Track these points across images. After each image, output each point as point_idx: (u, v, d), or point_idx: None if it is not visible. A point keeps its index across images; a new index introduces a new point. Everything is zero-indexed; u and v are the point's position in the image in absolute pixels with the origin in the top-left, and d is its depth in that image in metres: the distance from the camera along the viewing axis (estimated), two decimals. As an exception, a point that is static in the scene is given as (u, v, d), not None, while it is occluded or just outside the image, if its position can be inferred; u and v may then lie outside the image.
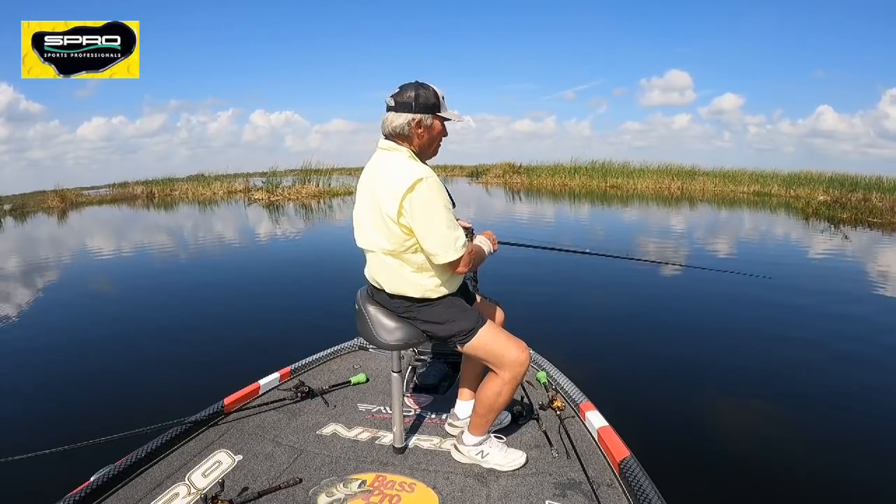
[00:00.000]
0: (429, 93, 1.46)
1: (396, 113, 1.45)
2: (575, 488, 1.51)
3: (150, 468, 1.61)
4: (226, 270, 7.06)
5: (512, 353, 1.51)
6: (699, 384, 3.18)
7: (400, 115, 1.45)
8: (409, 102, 1.44)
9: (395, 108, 1.45)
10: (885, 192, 15.17)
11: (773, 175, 21.02)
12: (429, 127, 1.48)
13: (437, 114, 1.48)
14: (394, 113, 1.45)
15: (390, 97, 1.47)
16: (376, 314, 1.61)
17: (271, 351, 3.50)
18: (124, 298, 5.66)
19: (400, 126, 1.45)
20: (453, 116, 1.53)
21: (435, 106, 1.47)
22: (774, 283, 5.91)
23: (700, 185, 21.08)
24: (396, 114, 1.45)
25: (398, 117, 1.45)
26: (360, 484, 1.56)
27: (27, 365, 3.70)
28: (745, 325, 4.23)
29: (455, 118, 1.53)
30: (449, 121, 1.53)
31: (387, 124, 1.47)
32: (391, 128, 1.47)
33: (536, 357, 2.35)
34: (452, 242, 1.42)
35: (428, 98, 1.46)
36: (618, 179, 22.34)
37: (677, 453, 2.35)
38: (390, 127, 1.46)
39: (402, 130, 1.46)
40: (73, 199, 21.74)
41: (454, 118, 1.53)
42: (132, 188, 24.22)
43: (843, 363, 3.47)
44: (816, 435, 2.60)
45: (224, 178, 24.00)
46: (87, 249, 9.36)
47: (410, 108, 1.44)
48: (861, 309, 4.79)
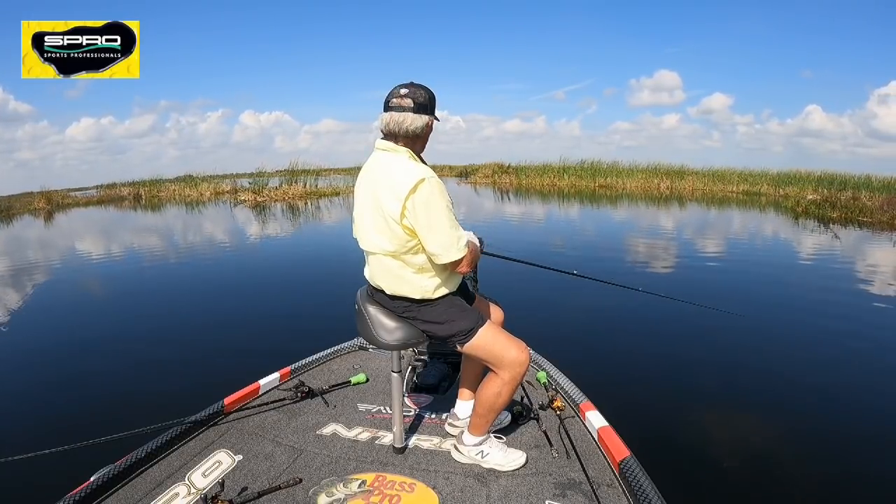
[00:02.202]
0: (432, 93, 1.48)
1: (417, 114, 1.43)
2: (575, 488, 1.51)
3: (150, 468, 1.61)
4: (225, 271, 7.06)
5: (511, 354, 1.51)
6: (699, 384, 3.18)
7: (421, 116, 1.44)
8: (426, 104, 1.45)
9: (414, 109, 1.43)
10: (875, 191, 15.20)
11: (762, 174, 21.09)
12: (431, 128, 1.51)
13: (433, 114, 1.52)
14: (412, 114, 1.43)
15: (402, 97, 1.43)
16: (376, 314, 1.61)
17: (271, 351, 3.49)
18: (123, 299, 5.66)
19: (419, 128, 1.45)
20: (441, 116, 1.55)
21: (436, 107, 1.50)
22: (773, 282, 5.92)
23: (689, 185, 21.09)
24: (417, 115, 1.43)
25: (419, 119, 1.44)
26: (360, 484, 1.56)
27: (27, 365, 3.70)
28: (744, 325, 4.23)
29: (442, 118, 1.56)
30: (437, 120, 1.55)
31: (401, 125, 1.43)
32: (408, 129, 1.43)
33: (536, 357, 2.34)
34: (455, 242, 1.42)
35: (433, 99, 1.48)
36: (607, 179, 22.35)
37: (677, 453, 2.35)
38: (409, 128, 1.43)
39: (418, 132, 1.46)
40: (60, 200, 21.49)
41: (441, 118, 1.55)
42: (119, 189, 23.88)
43: (844, 362, 3.47)
44: (817, 434, 2.60)
45: (212, 179, 23.77)
46: (82, 250, 9.35)
47: (426, 110, 1.45)
48: (860, 308, 4.79)
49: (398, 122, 1.43)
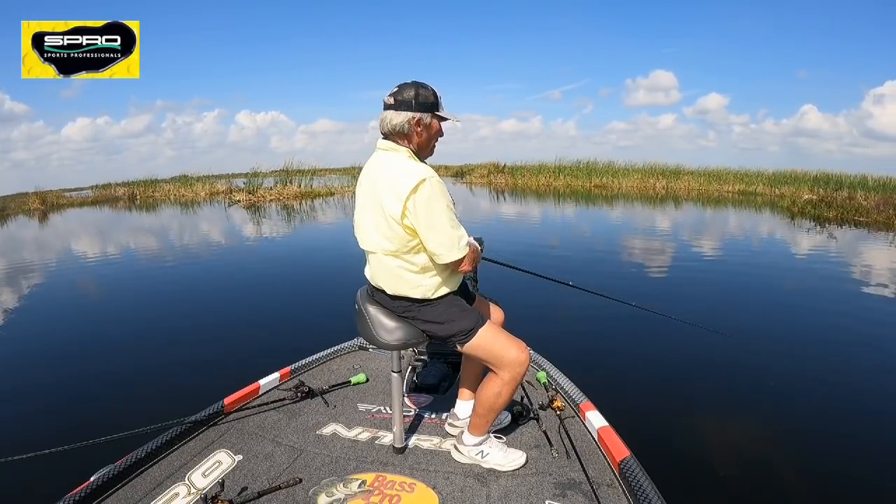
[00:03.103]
0: (428, 92, 1.47)
1: (396, 111, 1.45)
2: (575, 488, 1.51)
3: (150, 468, 1.61)
4: (225, 271, 7.06)
5: (512, 354, 1.51)
6: (699, 384, 3.18)
7: (400, 113, 1.45)
8: (410, 101, 1.45)
9: (394, 106, 1.45)
10: (871, 191, 15.16)
11: (757, 174, 21.10)
12: (427, 126, 1.49)
13: (436, 113, 1.49)
14: (393, 111, 1.45)
15: (389, 96, 1.47)
16: (376, 314, 1.61)
17: (271, 351, 3.49)
18: (122, 299, 5.66)
19: (399, 124, 1.46)
20: (451, 116, 1.53)
21: (434, 105, 1.48)
22: (771, 282, 5.92)
23: (685, 185, 21.06)
24: (396, 112, 1.45)
25: (398, 115, 1.45)
26: (360, 484, 1.56)
27: (27, 365, 3.70)
28: (744, 325, 4.23)
29: (452, 118, 1.54)
30: (446, 120, 1.54)
31: (386, 122, 1.47)
32: (391, 125, 1.46)
33: (536, 357, 2.34)
34: (456, 242, 1.43)
35: (427, 97, 1.47)
36: (602, 179, 22.32)
37: (677, 453, 2.35)
38: (390, 125, 1.47)
39: (401, 129, 1.46)
40: (55, 201, 21.40)
41: (452, 118, 1.54)
42: (114, 190, 23.74)
43: (843, 362, 3.46)
44: (817, 434, 2.60)
45: (207, 179, 23.62)
46: (80, 251, 9.34)
47: (410, 107, 1.45)
48: (860, 308, 4.79)
49: (382, 119, 1.48)
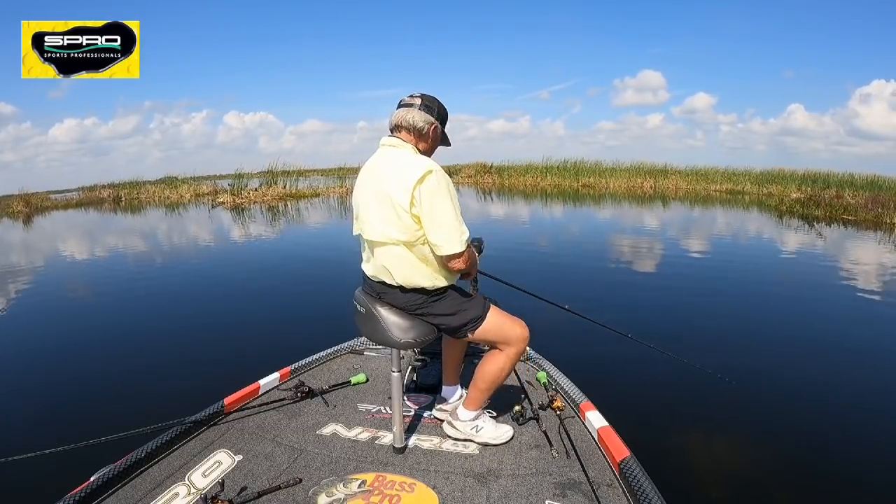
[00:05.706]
0: (444, 108, 1.62)
1: (420, 111, 1.55)
2: (575, 488, 1.51)
3: (150, 468, 1.61)
4: (225, 271, 7.06)
5: (517, 331, 1.65)
6: (699, 384, 3.17)
7: (424, 114, 1.55)
8: (433, 108, 1.58)
9: (420, 106, 1.56)
10: (858, 189, 15.17)
11: (745, 173, 21.06)
12: (439, 135, 1.60)
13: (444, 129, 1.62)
14: (418, 111, 1.55)
15: (412, 97, 1.58)
16: (388, 315, 1.61)
17: (271, 351, 3.49)
18: (122, 300, 5.65)
19: (421, 122, 1.55)
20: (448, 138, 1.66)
21: (445, 121, 1.62)
22: (771, 280, 5.92)
23: (673, 184, 20.99)
24: (420, 112, 1.55)
25: (421, 116, 1.55)
26: (360, 484, 1.56)
27: (27, 365, 3.70)
28: (743, 324, 4.23)
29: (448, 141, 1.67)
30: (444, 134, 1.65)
31: (406, 118, 1.54)
32: (411, 122, 1.55)
33: (536, 357, 2.34)
34: (458, 235, 1.47)
35: (444, 112, 1.61)
36: (590, 178, 22.24)
37: (677, 453, 2.35)
38: (411, 121, 1.55)
39: (420, 128, 1.55)
40: (39, 203, 21.12)
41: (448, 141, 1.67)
42: (99, 191, 23.49)
43: (843, 361, 3.46)
44: (817, 434, 2.59)
45: (193, 180, 23.43)
46: (77, 252, 9.34)
47: (433, 113, 1.57)
48: (858, 308, 4.80)
49: (404, 116, 1.56)
